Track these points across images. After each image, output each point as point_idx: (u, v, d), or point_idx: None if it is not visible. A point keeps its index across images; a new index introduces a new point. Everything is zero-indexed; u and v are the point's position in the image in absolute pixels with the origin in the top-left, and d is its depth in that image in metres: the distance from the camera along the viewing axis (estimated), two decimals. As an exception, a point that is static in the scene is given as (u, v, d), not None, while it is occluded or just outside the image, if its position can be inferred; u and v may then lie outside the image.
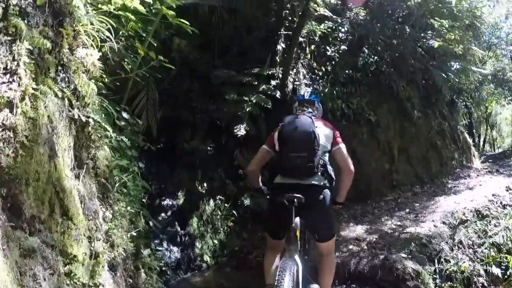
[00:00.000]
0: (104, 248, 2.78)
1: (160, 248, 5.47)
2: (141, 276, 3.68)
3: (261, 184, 4.34)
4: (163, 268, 5.40)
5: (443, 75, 10.74)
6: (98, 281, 2.56)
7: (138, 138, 5.17)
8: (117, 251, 3.11)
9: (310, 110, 4.34)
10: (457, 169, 12.05)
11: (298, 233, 3.75)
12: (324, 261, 4.12)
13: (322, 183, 3.86)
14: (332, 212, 4.09)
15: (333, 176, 3.98)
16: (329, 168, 3.96)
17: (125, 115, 4.97)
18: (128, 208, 3.81)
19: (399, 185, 9.77)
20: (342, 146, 4.06)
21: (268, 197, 4.26)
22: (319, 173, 3.85)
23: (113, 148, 4.30)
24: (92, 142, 3.02)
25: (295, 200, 3.63)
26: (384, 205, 8.75)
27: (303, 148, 3.73)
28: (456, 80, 12.02)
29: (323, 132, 4.01)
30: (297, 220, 3.73)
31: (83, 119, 2.70)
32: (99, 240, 2.68)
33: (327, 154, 4.03)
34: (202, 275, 6.08)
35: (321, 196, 3.80)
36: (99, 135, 3.11)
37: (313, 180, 3.82)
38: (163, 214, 6.31)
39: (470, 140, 14.76)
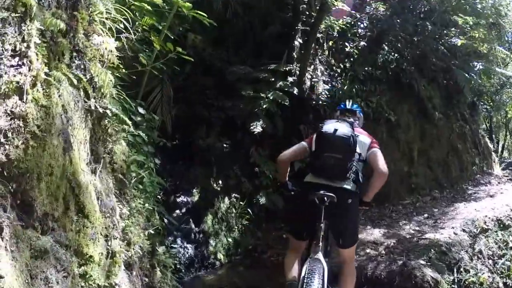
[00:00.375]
0: (120, 247, 2.65)
1: (175, 246, 5.37)
2: (157, 274, 3.56)
3: (287, 178, 4.30)
4: (178, 266, 5.28)
5: (466, 75, 10.45)
6: (114, 281, 2.43)
7: (154, 134, 5.09)
8: (133, 249, 2.99)
9: (351, 120, 4.34)
10: (478, 175, 11.77)
11: (322, 234, 3.75)
12: (346, 269, 4.10)
13: (352, 188, 3.84)
14: (357, 219, 4.19)
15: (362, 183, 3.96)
16: (360, 175, 3.92)
17: (141, 110, 4.88)
18: (145, 204, 3.69)
19: (418, 188, 9.54)
20: (377, 150, 4.03)
21: (292, 193, 4.26)
22: (350, 179, 3.83)
23: (129, 144, 4.26)
24: (109, 136, 2.89)
25: (326, 199, 3.59)
26: (402, 208, 8.55)
27: (339, 150, 3.72)
28: (479, 81, 11.69)
29: (361, 140, 4.00)
30: (323, 222, 3.72)
31: (100, 110, 2.56)
32: (116, 239, 2.55)
33: (361, 163, 3.99)
34: (215, 273, 5.98)
35: (350, 200, 3.80)
36: (116, 129, 2.97)
37: (344, 184, 3.80)
38: (177, 211, 6.21)
39: (491, 146, 14.42)
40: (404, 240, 6.54)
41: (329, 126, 3.82)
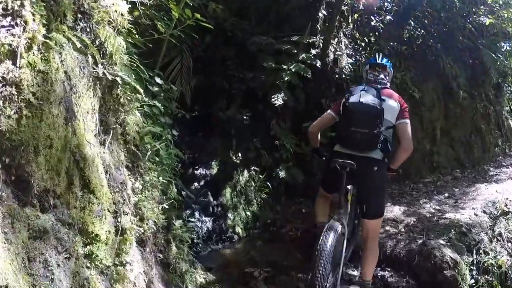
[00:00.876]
0: (132, 223, 2.47)
1: (192, 219, 5.18)
2: (172, 249, 3.38)
3: (319, 145, 4.46)
4: (195, 240, 5.14)
5: (493, 55, 9.99)
6: (124, 259, 2.26)
7: (172, 105, 4.92)
8: (147, 224, 2.81)
9: (381, 76, 4.24)
10: (500, 157, 11.47)
11: (349, 197, 3.89)
12: (368, 246, 4.13)
13: (379, 157, 3.83)
14: (384, 186, 4.19)
15: (391, 150, 3.95)
16: (389, 143, 3.89)
17: (158, 80, 4.73)
18: (160, 178, 3.52)
19: (439, 167, 9.27)
20: (407, 122, 3.95)
21: (323, 158, 4.42)
22: (378, 148, 3.80)
23: (145, 115, 4.07)
24: (121, 106, 2.68)
25: (347, 166, 3.62)
26: (423, 187, 8.28)
27: (365, 125, 3.65)
28: (505, 62, 11.20)
29: (389, 106, 3.90)
30: (349, 186, 3.85)
31: (110, 78, 2.35)
32: (127, 214, 2.37)
33: (390, 130, 3.94)
34: (233, 247, 5.81)
35: (376, 168, 3.79)
36: (129, 98, 2.76)
37: (371, 153, 3.79)
38: (195, 184, 6.00)
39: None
40: (424, 218, 6.32)
41: (354, 97, 3.74)
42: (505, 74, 13.24)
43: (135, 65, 3.18)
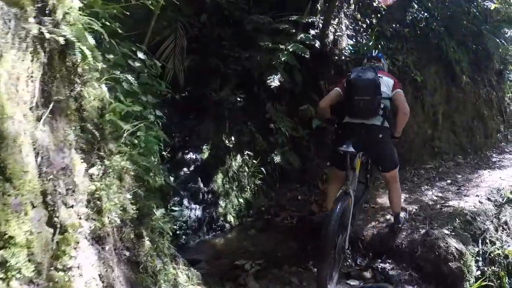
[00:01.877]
0: (81, 218, 1.97)
1: (176, 208, 4.67)
2: (144, 245, 2.85)
3: (329, 115, 4.74)
4: (177, 232, 4.65)
5: (497, 40, 9.47)
6: (65, 264, 1.75)
7: (156, 82, 4.42)
8: (107, 217, 2.30)
9: (377, 64, 4.91)
10: (502, 143, 11.06)
11: (358, 165, 4.44)
12: (391, 187, 4.78)
13: (382, 123, 4.33)
14: (392, 147, 4.53)
15: (390, 118, 4.46)
16: (388, 111, 4.44)
17: (140, 55, 4.23)
18: (140, 161, 3.03)
19: (441, 153, 8.78)
20: (401, 91, 4.50)
21: (336, 126, 4.75)
22: (380, 115, 4.31)
23: (127, 93, 3.60)
24: (78, 76, 2.17)
25: (348, 152, 4.03)
26: (424, 173, 7.76)
27: (367, 93, 4.16)
28: (509, 48, 10.68)
29: (385, 81, 4.49)
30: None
31: (57, 39, 1.84)
32: (71, 207, 1.86)
33: (388, 101, 4.47)
34: (224, 237, 5.35)
35: (381, 135, 4.32)
36: (87, 67, 2.24)
37: (374, 120, 4.30)
38: (185, 169, 5.49)
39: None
40: (426, 206, 5.85)
41: (355, 73, 4.29)
42: (507, 61, 12.84)
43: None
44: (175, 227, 4.37)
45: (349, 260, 4.75)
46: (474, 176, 7.67)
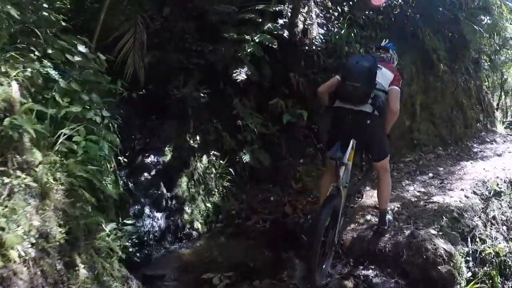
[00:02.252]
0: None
1: (129, 222, 4.07)
2: (78, 274, 2.28)
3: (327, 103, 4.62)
4: (131, 250, 4.08)
5: (475, 26, 9.12)
6: None
7: (104, 79, 3.93)
8: (16, 250, 1.73)
9: (383, 55, 4.76)
10: (482, 133, 10.87)
11: (351, 156, 4.19)
12: (381, 178, 4.54)
13: (370, 110, 4.12)
14: (382, 136, 4.38)
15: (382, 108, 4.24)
16: (381, 101, 4.20)
17: (81, 48, 3.72)
18: (77, 171, 2.49)
19: (420, 145, 8.42)
20: (397, 89, 4.30)
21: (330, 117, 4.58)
22: (369, 103, 4.11)
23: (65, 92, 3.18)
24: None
25: (335, 158, 3.96)
26: (404, 167, 7.31)
27: (358, 80, 4.03)
28: (486, 35, 10.34)
29: (383, 73, 4.34)
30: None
31: None
32: None
33: (382, 93, 4.27)
34: (191, 246, 4.85)
35: (368, 121, 4.12)
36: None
37: (363, 107, 4.11)
38: (146, 174, 4.99)
39: (494, 103, 13.32)
40: (409, 204, 5.36)
41: (353, 59, 4.28)
42: (481, 51, 12.63)
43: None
44: (127, 243, 3.81)
45: (329, 269, 4.21)
46: (457, 168, 7.31)
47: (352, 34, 7.21)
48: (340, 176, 4.05)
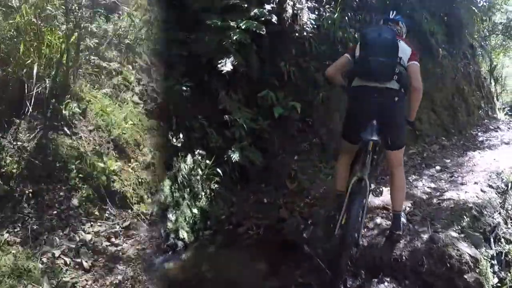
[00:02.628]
0: None
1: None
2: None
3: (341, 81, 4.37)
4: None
5: (473, 7, 8.69)
6: None
7: None
8: None
9: (394, 29, 4.35)
10: (485, 120, 10.50)
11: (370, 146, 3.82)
12: (394, 174, 4.11)
13: (397, 87, 3.87)
14: (404, 121, 4.08)
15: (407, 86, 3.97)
16: (404, 76, 3.90)
17: None
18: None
19: (423, 135, 7.98)
20: (417, 64, 3.99)
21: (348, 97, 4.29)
22: (395, 80, 3.85)
23: None
24: None
25: (371, 140, 3.67)
26: (408, 160, 6.72)
27: (384, 53, 3.80)
28: (484, 18, 9.90)
29: (402, 47, 3.98)
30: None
31: None
32: None
33: (403, 69, 3.95)
34: (177, 259, 4.25)
35: (396, 98, 3.85)
36: None
37: (389, 84, 3.85)
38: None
39: (493, 89, 12.94)
40: (421, 202, 4.79)
41: (373, 32, 3.95)
42: (471, 37, 12.25)
43: None
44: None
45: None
46: (465, 159, 6.80)
47: (346, 18, 6.81)
48: (367, 164, 3.72)
